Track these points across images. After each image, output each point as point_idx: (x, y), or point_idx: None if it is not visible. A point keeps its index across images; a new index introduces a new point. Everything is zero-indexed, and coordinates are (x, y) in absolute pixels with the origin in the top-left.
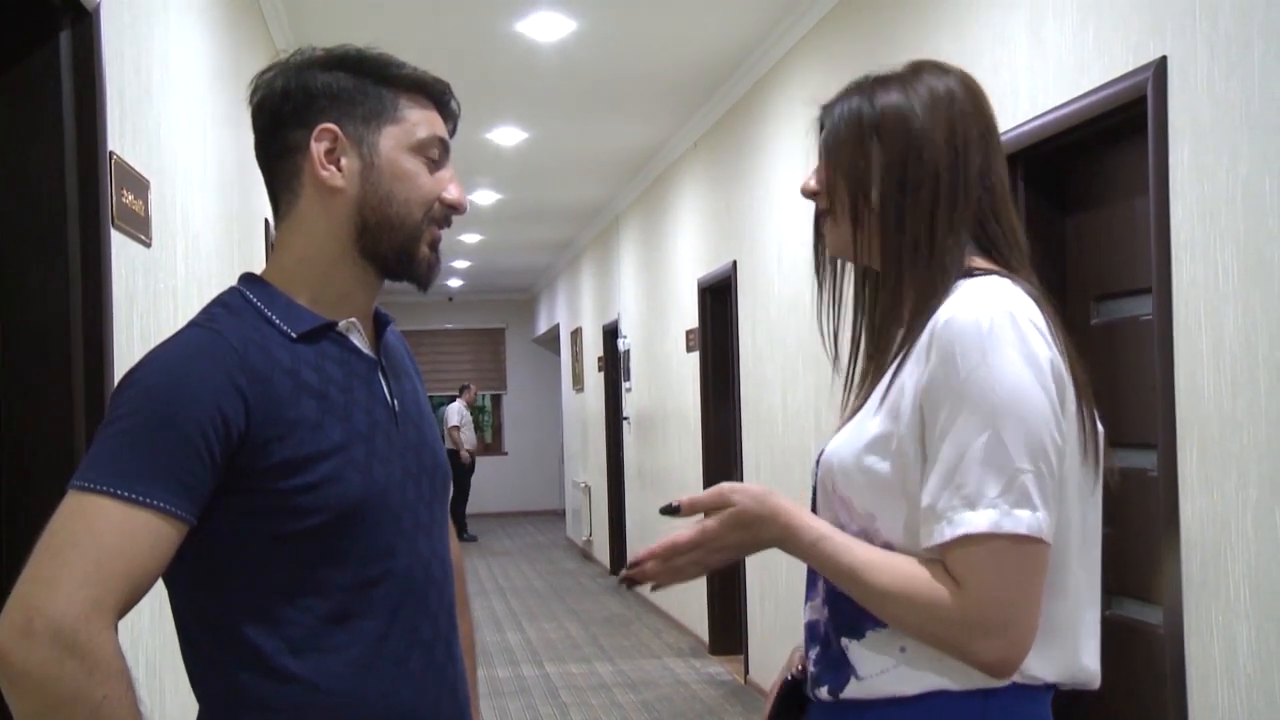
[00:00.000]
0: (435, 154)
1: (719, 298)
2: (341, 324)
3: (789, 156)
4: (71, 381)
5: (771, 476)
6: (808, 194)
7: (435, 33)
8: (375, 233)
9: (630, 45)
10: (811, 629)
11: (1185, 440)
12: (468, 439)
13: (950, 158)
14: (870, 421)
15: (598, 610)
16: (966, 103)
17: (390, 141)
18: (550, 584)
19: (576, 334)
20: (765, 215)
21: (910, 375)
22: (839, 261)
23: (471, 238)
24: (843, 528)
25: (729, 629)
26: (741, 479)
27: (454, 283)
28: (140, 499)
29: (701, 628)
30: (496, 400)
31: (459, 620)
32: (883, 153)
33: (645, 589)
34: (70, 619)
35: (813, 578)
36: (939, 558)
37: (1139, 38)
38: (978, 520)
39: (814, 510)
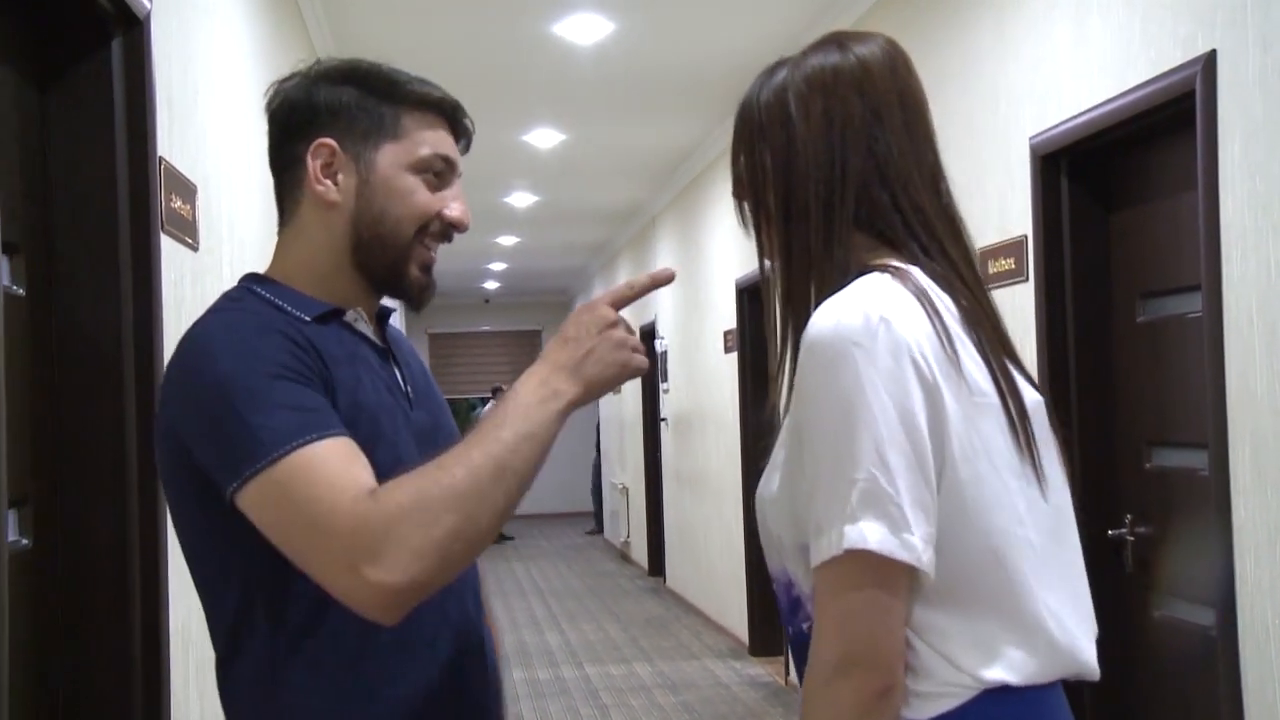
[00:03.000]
0: (438, 170)
1: (757, 298)
2: (349, 314)
3: None
4: (123, 384)
5: None
6: (733, 197)
7: (472, 35)
8: (368, 249)
9: (667, 46)
10: None
11: (1237, 439)
12: None
13: (825, 149)
14: (781, 448)
15: (637, 611)
16: (851, 79)
17: (388, 159)
18: (589, 585)
19: None
20: None
21: (794, 392)
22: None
23: (508, 240)
24: (784, 572)
25: (769, 630)
26: None
27: (490, 285)
28: (328, 433)
29: (741, 629)
30: None
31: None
32: (769, 153)
33: (684, 589)
34: (371, 525)
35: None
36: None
37: (1187, 30)
38: (817, 551)
39: (766, 559)
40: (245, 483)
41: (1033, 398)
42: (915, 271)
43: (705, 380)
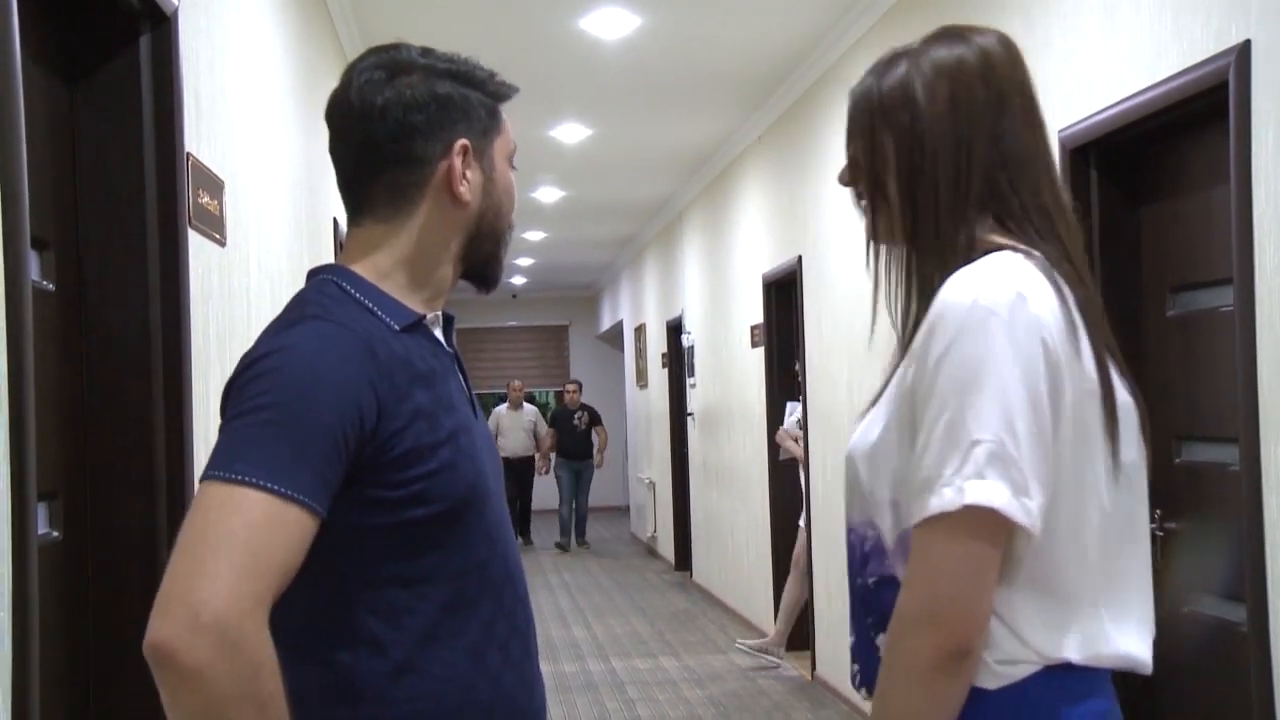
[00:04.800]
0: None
1: (784, 292)
2: (429, 317)
3: None
4: (151, 378)
5: (836, 472)
6: (842, 183)
7: (499, 30)
8: (479, 241)
9: (694, 41)
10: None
11: (1269, 433)
12: (515, 441)
13: (952, 133)
14: (885, 406)
15: (663, 605)
16: (976, 68)
17: (500, 154)
18: (615, 580)
19: (640, 330)
20: (830, 209)
21: (913, 356)
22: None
23: (535, 235)
24: (868, 525)
25: (796, 625)
26: (807, 474)
27: (517, 280)
28: (293, 495)
29: (768, 623)
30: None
31: None
32: (891, 136)
33: (710, 584)
34: (236, 615)
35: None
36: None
37: (1220, 21)
38: (931, 504)
39: (847, 510)
40: (201, 480)
41: (1124, 398)
42: (1038, 256)
43: (732, 375)
